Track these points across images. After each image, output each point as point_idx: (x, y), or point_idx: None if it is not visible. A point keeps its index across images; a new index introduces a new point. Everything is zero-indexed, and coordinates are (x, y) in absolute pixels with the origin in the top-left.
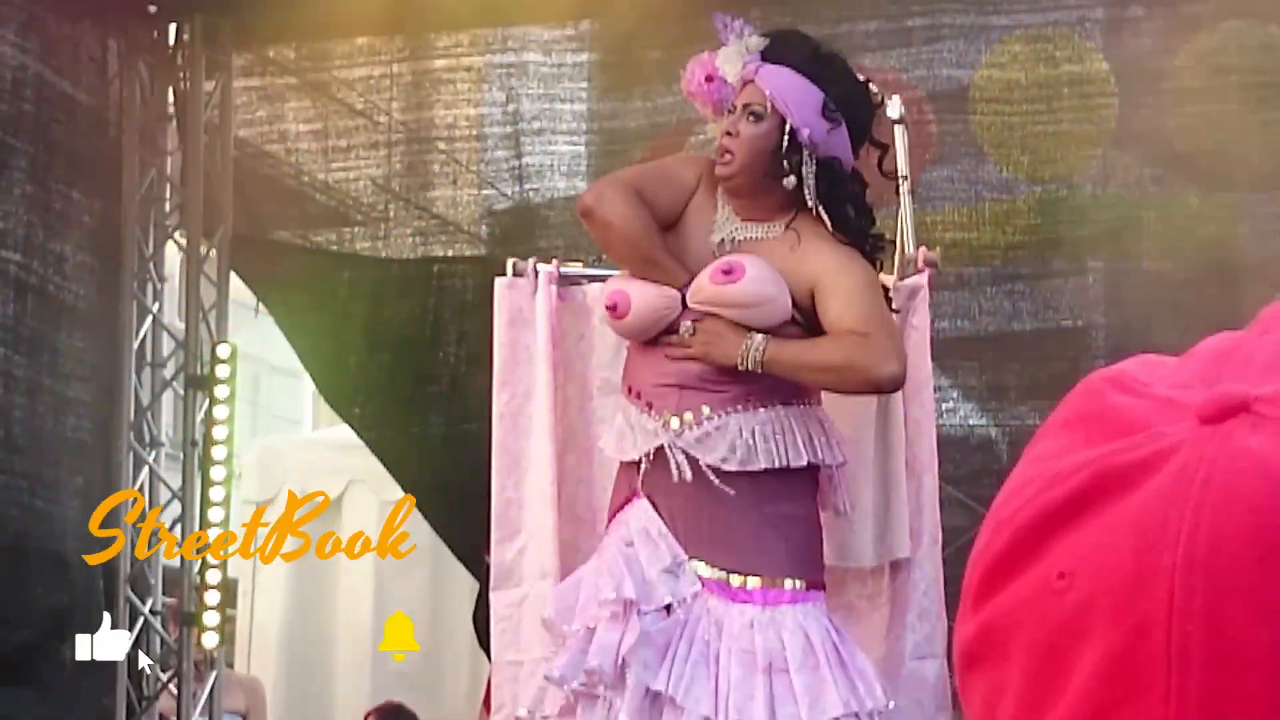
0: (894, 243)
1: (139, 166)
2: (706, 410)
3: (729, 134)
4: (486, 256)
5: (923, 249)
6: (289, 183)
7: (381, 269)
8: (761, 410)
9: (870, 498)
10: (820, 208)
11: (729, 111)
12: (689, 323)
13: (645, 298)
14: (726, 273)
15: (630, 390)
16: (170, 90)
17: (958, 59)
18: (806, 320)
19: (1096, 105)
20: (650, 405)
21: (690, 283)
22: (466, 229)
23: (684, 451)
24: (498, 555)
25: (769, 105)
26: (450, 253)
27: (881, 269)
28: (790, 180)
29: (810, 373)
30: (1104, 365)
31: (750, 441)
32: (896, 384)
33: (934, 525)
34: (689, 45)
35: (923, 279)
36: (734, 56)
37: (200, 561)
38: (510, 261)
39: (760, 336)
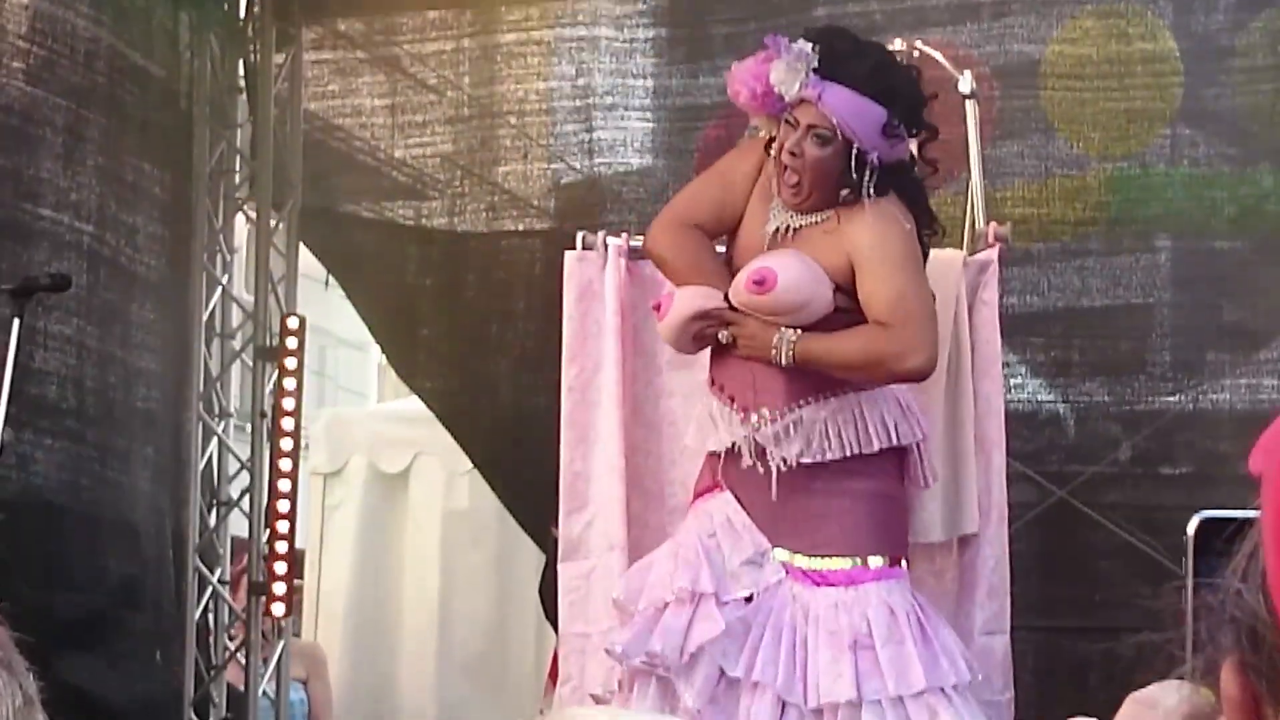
0: (962, 218)
1: (209, 138)
2: (780, 405)
3: (793, 153)
4: (554, 230)
5: (993, 224)
6: (359, 156)
7: (451, 242)
8: (833, 399)
9: (939, 473)
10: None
11: (788, 123)
12: (725, 332)
13: (679, 306)
14: (758, 283)
15: (714, 383)
16: (240, 63)
17: (1028, 34)
18: (853, 299)
19: (1168, 83)
20: (732, 400)
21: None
22: (536, 203)
23: (761, 447)
24: (566, 527)
25: (836, 130)
26: (520, 227)
27: (940, 238)
28: (850, 195)
29: (839, 369)
30: (1172, 343)
31: (824, 432)
32: (923, 375)
33: (1002, 501)
34: (758, 20)
35: (993, 254)
36: (790, 75)
37: (269, 531)
38: (580, 235)
39: (792, 332)
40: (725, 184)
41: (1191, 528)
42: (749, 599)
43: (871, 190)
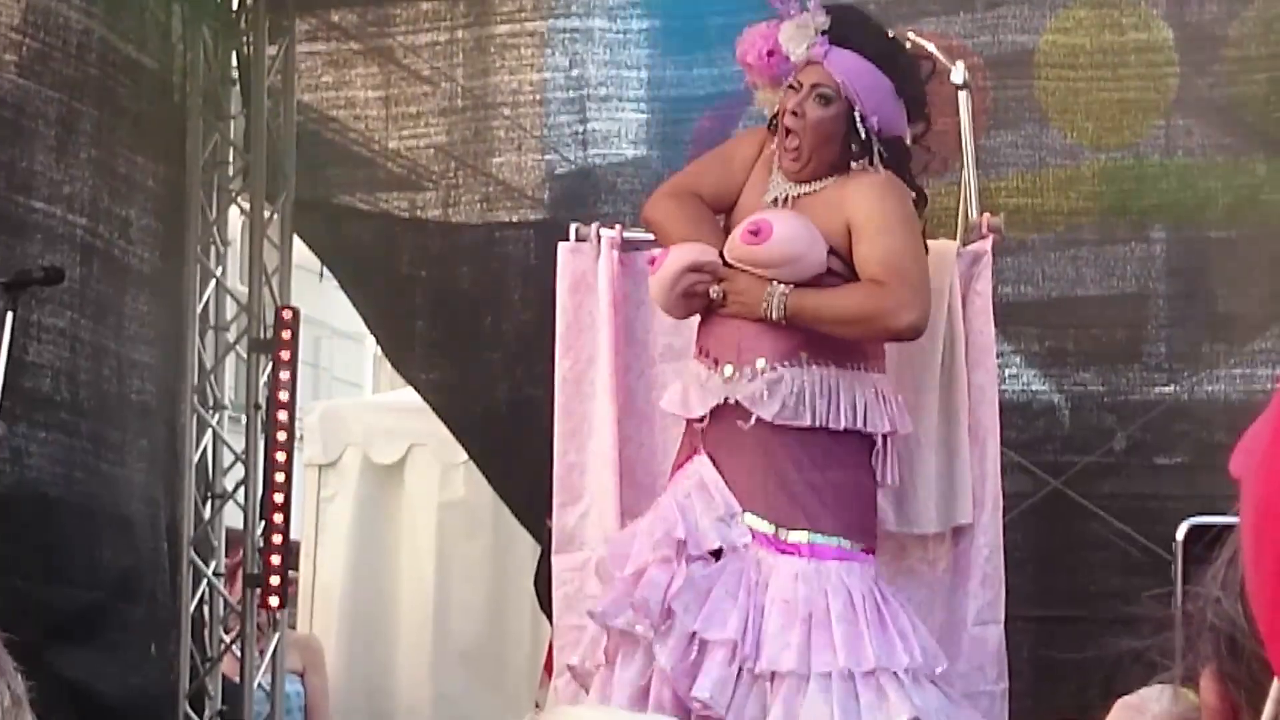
0: (956, 209)
1: (202, 130)
2: (762, 363)
3: (794, 114)
4: (549, 221)
5: (986, 215)
6: (353, 148)
7: (446, 234)
8: (814, 368)
9: (933, 464)
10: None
11: (791, 88)
12: (716, 288)
13: (671, 259)
14: (754, 233)
15: (699, 350)
16: (234, 54)
17: (1021, 24)
18: (847, 265)
19: (1162, 73)
20: (716, 361)
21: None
22: (530, 194)
23: (740, 405)
24: (560, 519)
25: (839, 90)
26: (515, 218)
27: (934, 229)
28: (856, 164)
29: (831, 324)
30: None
31: (801, 397)
32: (916, 332)
33: (997, 491)
34: (751, 12)
35: (986, 244)
36: (799, 34)
37: (264, 523)
38: (573, 226)
39: (783, 286)
40: (724, 163)
41: (1180, 534)
42: (717, 556)
43: (872, 159)
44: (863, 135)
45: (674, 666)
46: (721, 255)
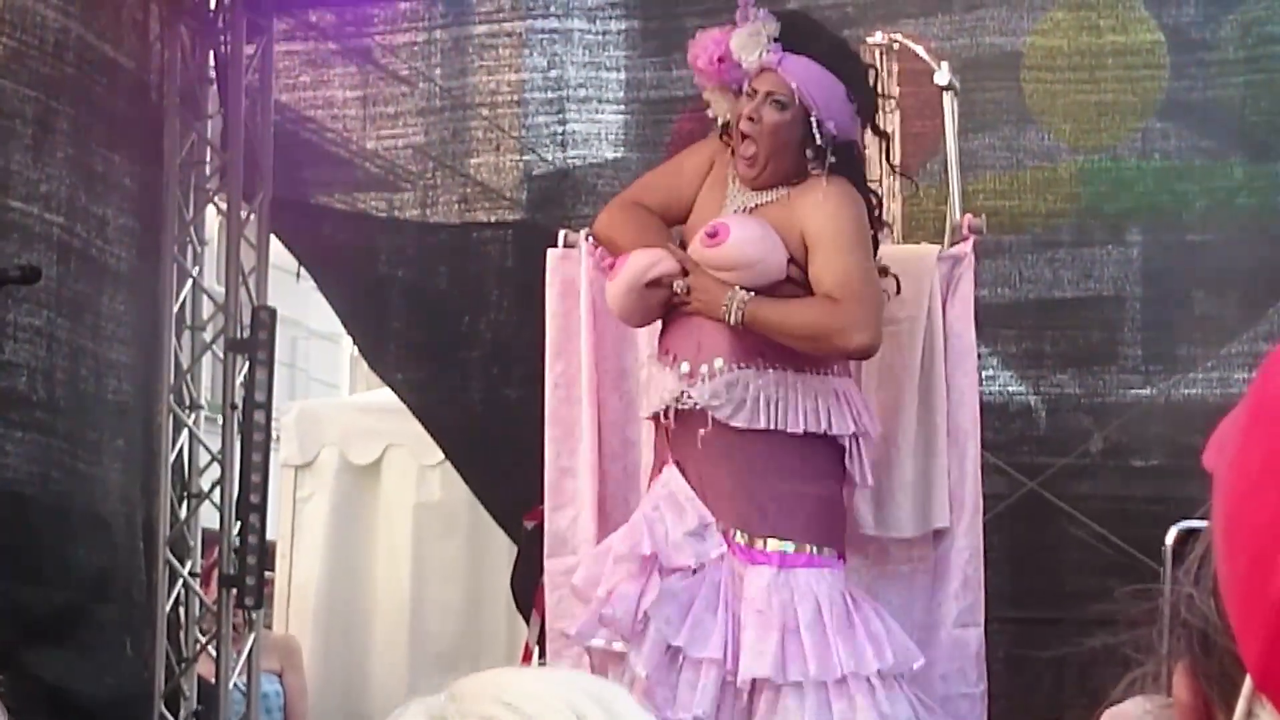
0: (934, 211)
1: (180, 130)
2: (720, 363)
3: (750, 119)
4: (526, 222)
5: (968, 216)
6: (331, 148)
7: (424, 234)
8: (772, 371)
9: (910, 467)
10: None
11: (746, 95)
12: (680, 282)
13: (630, 265)
14: (711, 236)
15: (661, 349)
16: (211, 54)
17: (1000, 26)
18: (805, 274)
19: (1141, 76)
20: (674, 358)
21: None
22: (508, 195)
23: (697, 406)
24: (551, 523)
25: (794, 96)
26: (493, 219)
27: (912, 230)
28: (812, 168)
29: (785, 336)
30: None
31: (757, 399)
32: (867, 353)
33: (976, 494)
34: (730, 13)
35: (967, 247)
36: (751, 42)
37: (241, 524)
38: (562, 233)
39: (744, 293)
40: (674, 175)
41: (1170, 538)
42: (695, 570)
43: (827, 165)
44: (818, 141)
45: (650, 674)
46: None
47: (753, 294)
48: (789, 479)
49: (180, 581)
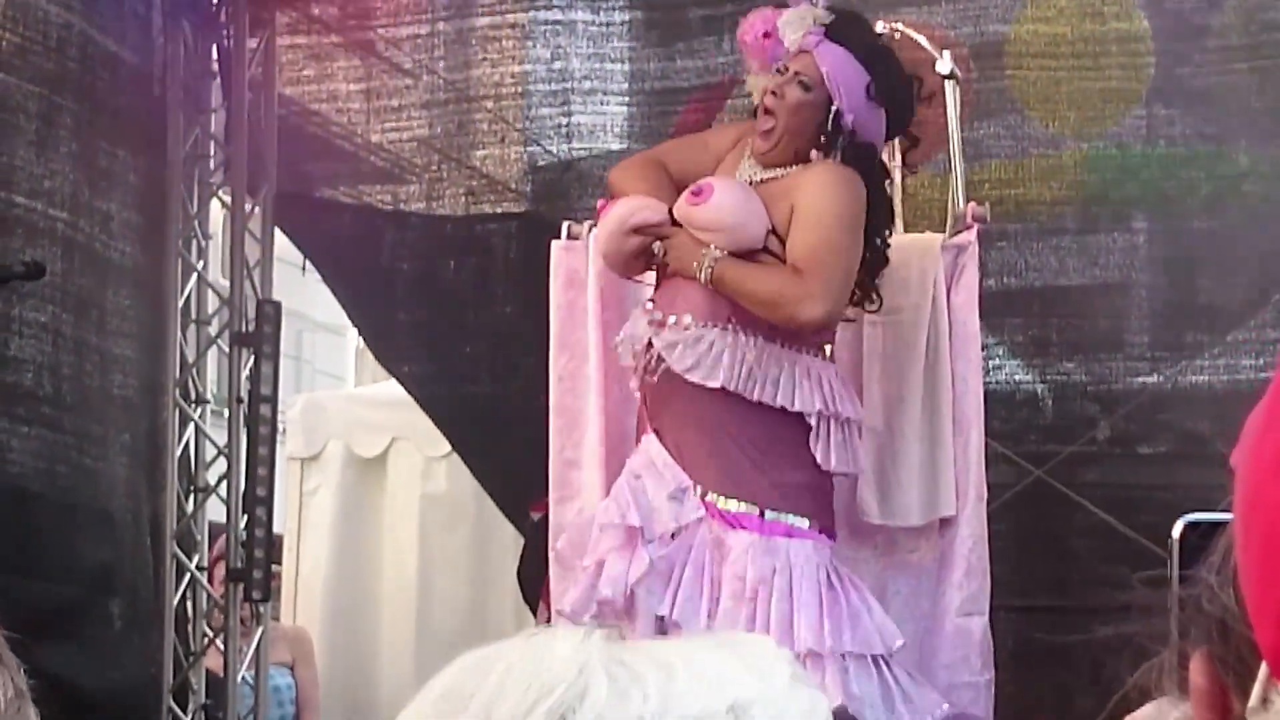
0: (938, 200)
1: (183, 124)
2: (689, 319)
3: (774, 94)
4: (532, 214)
5: (972, 204)
6: (335, 141)
7: (428, 226)
8: (741, 336)
9: (916, 455)
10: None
11: (778, 71)
12: (658, 244)
13: (617, 210)
14: (696, 194)
15: (646, 303)
16: (214, 47)
17: (1003, 13)
18: (784, 248)
19: (1144, 63)
20: (655, 304)
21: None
22: (513, 187)
23: (659, 355)
24: (557, 515)
25: (821, 81)
26: (498, 210)
27: (916, 220)
28: (820, 155)
29: (746, 299)
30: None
31: (718, 358)
32: (820, 326)
33: (980, 482)
34: (735, 3)
35: (971, 235)
36: (798, 22)
37: (247, 517)
38: (565, 224)
39: (716, 251)
40: (700, 147)
41: (1176, 531)
42: (674, 536)
43: (838, 155)
44: (830, 129)
45: None
46: (672, 215)
47: (725, 253)
48: (761, 448)
49: (187, 575)
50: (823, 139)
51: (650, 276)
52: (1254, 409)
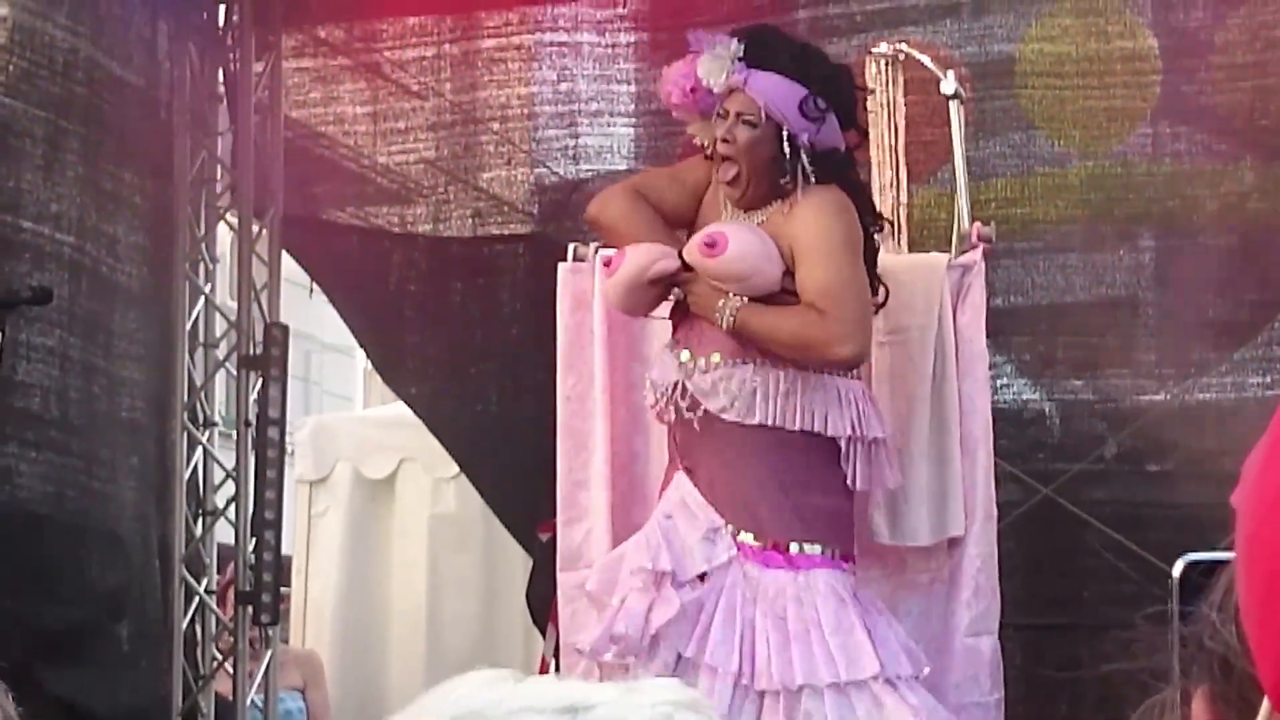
0: (944, 219)
1: (190, 147)
2: (717, 357)
3: (725, 140)
4: (539, 235)
5: (977, 224)
6: (343, 163)
7: (436, 248)
8: (769, 368)
9: (924, 475)
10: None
11: (719, 116)
12: (677, 289)
13: (631, 260)
14: (709, 245)
15: (674, 338)
16: (220, 71)
17: (1007, 33)
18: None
19: (1149, 81)
20: (679, 343)
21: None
22: (520, 208)
23: (693, 397)
24: (565, 537)
25: (762, 113)
26: (505, 232)
27: (920, 238)
28: (785, 182)
29: (774, 345)
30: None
31: (752, 395)
32: (853, 363)
33: (989, 501)
34: (739, 24)
35: (976, 254)
36: (715, 65)
37: (256, 540)
38: (571, 246)
39: (736, 300)
40: (673, 180)
41: (1177, 570)
42: (703, 577)
43: (810, 176)
44: (789, 154)
45: None
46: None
47: (745, 300)
48: (794, 478)
49: (196, 599)
50: (785, 165)
51: (661, 309)
52: (1255, 446)
